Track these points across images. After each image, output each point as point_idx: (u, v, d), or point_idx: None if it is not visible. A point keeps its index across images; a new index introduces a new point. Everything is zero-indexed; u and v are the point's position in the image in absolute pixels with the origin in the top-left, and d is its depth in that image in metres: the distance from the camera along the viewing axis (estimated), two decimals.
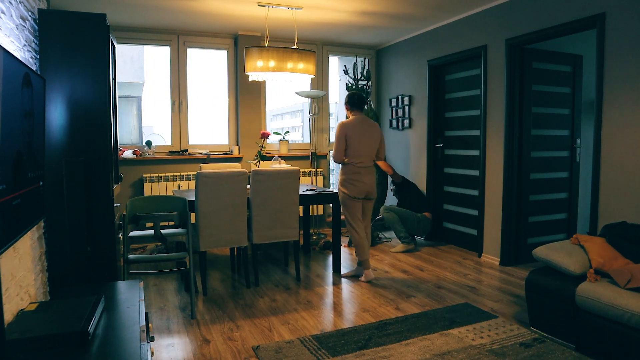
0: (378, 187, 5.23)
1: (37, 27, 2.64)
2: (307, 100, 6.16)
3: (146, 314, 2.00)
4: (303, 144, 6.05)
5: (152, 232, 3.13)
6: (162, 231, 3.16)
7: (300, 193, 3.93)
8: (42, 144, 2.04)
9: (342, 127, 3.76)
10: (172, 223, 3.44)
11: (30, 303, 2.03)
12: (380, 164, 5.26)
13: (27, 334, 1.62)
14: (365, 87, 5.39)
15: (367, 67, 5.66)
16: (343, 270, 4.20)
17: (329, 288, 3.77)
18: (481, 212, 4.53)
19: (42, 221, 2.59)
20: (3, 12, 2.01)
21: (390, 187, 5.49)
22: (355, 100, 3.89)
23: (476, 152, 4.66)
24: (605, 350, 2.43)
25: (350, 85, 5.39)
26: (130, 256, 3.08)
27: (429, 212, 5.12)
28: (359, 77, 5.38)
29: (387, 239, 5.40)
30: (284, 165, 4.21)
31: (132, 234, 3.27)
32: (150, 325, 2.15)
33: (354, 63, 5.47)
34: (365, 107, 5.42)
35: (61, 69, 2.69)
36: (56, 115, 2.69)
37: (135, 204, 3.15)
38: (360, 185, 3.76)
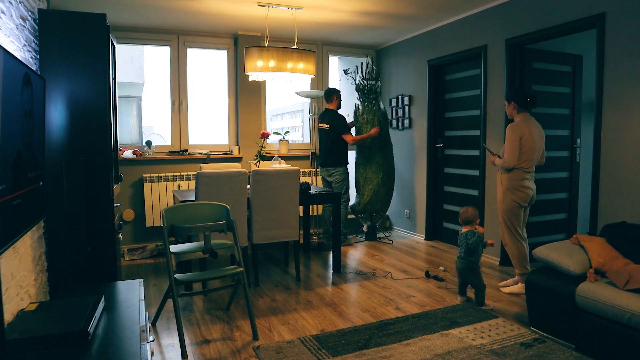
0: (382, 187, 5.19)
1: (37, 27, 2.64)
2: (307, 100, 6.16)
3: (146, 314, 2.00)
4: (303, 144, 6.05)
5: (193, 245, 2.87)
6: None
7: (312, 192, 4.09)
8: (42, 144, 2.04)
9: (517, 131, 3.43)
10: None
11: (30, 303, 2.03)
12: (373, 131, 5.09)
13: (27, 334, 1.62)
14: (374, 86, 5.32)
15: (374, 67, 5.62)
16: (344, 271, 4.20)
17: (329, 288, 3.77)
18: (481, 212, 4.52)
19: (42, 221, 2.59)
20: (3, 12, 2.01)
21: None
22: (527, 99, 3.49)
23: (476, 152, 4.66)
24: (605, 350, 2.43)
25: (361, 85, 5.30)
26: (177, 276, 2.66)
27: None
28: (367, 77, 5.33)
29: (390, 241, 5.40)
30: (284, 165, 4.21)
31: (173, 248, 2.85)
32: (150, 325, 2.15)
33: (362, 63, 5.43)
34: (377, 107, 5.33)
35: (61, 69, 2.69)
36: (56, 115, 2.69)
37: (172, 214, 2.77)
38: (528, 192, 3.49)
